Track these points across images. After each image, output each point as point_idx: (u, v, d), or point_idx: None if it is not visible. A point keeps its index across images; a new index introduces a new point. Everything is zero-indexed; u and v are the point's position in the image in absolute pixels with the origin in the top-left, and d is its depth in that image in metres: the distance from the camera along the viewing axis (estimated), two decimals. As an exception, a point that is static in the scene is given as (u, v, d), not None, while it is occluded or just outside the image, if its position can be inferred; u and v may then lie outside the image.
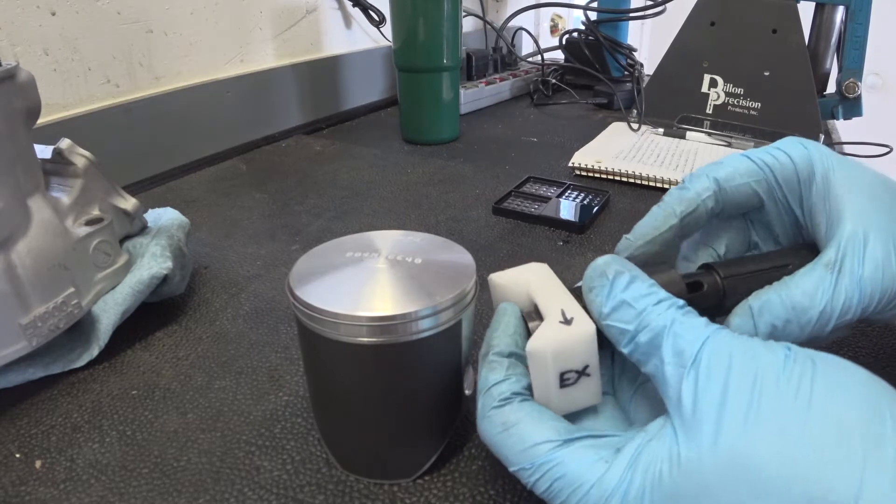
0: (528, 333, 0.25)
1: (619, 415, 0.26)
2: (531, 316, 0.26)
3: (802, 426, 0.19)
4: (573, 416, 0.25)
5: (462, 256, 0.28)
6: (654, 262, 0.29)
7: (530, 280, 0.27)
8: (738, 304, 0.26)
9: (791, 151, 0.29)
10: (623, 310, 0.23)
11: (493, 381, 0.23)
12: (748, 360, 0.20)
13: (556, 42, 1.08)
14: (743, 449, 0.19)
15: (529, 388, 0.24)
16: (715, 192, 0.29)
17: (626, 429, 0.24)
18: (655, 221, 0.29)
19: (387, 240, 0.29)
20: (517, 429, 0.22)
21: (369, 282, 0.25)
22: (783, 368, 0.20)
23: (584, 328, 0.23)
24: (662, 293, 0.23)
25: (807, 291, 0.25)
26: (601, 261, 0.24)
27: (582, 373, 0.24)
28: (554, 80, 0.99)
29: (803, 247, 0.29)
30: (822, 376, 0.19)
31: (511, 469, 0.22)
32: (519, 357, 0.24)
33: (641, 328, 0.22)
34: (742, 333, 0.22)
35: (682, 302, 0.23)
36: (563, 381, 0.23)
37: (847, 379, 0.20)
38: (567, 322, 0.23)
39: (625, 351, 0.23)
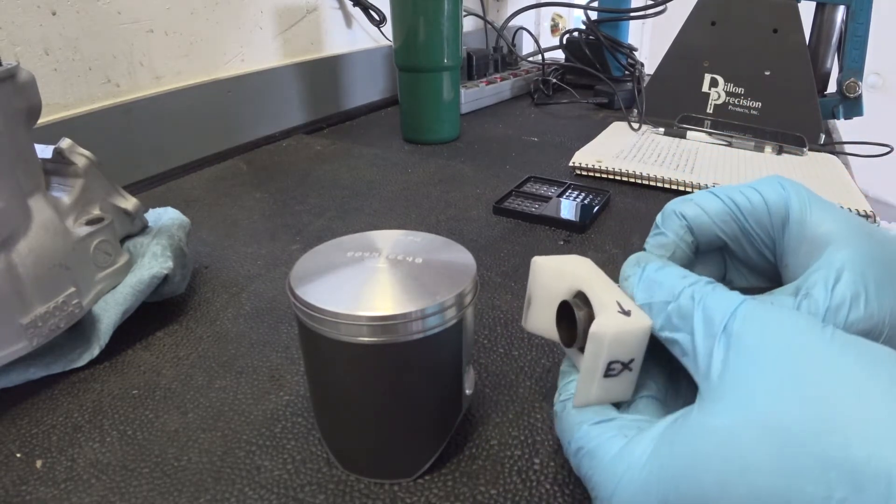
0: (577, 322, 0.25)
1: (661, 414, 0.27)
2: (578, 305, 0.26)
3: (828, 389, 0.18)
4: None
5: (463, 256, 0.28)
6: None
7: (577, 270, 0.26)
8: None
9: (766, 192, 0.28)
10: (655, 288, 0.24)
11: (564, 378, 0.27)
12: (778, 326, 0.20)
13: (556, 41, 1.08)
14: (771, 413, 0.19)
15: None
16: (688, 228, 0.29)
17: None
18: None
19: (387, 239, 0.29)
20: (567, 411, 0.25)
21: (370, 281, 0.25)
22: (814, 335, 0.20)
23: (642, 321, 0.24)
24: (693, 275, 0.24)
25: None
26: (635, 255, 0.26)
27: (626, 366, 0.24)
28: (554, 80, 0.99)
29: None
30: (853, 345, 0.19)
31: (564, 453, 0.25)
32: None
33: (672, 300, 0.23)
34: None
35: (711, 279, 0.23)
36: (609, 370, 0.24)
37: (877, 353, 0.20)
38: (625, 313, 0.24)
39: (658, 329, 0.24)
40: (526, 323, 0.29)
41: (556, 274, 0.27)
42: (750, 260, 0.30)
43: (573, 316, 0.26)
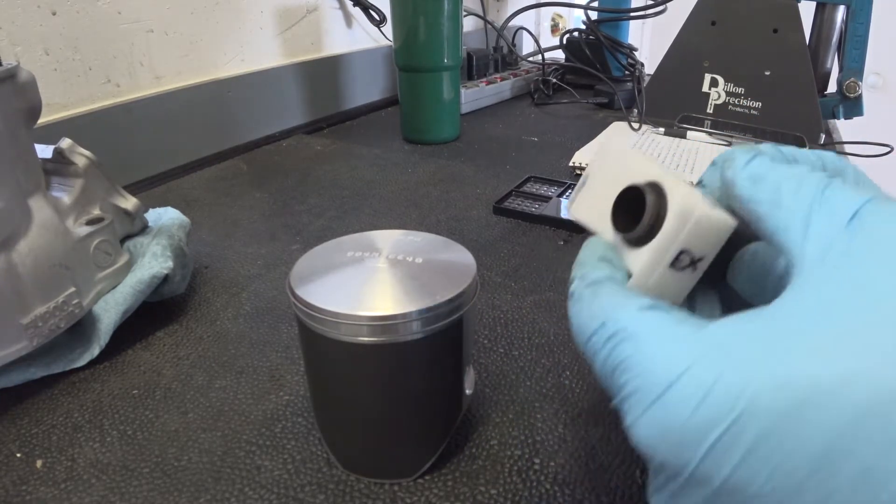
0: (648, 206, 0.22)
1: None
2: (649, 190, 0.23)
3: None
4: None
5: (463, 256, 0.28)
6: None
7: (650, 164, 0.24)
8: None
9: (825, 158, 0.26)
10: (768, 164, 0.20)
11: (589, 268, 0.22)
12: None
13: (556, 41, 1.08)
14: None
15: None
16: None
17: None
18: None
19: (387, 239, 0.29)
20: (604, 296, 0.20)
21: (370, 281, 0.25)
22: None
23: (727, 219, 0.21)
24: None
25: None
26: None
27: (693, 263, 0.22)
28: (554, 80, 0.99)
29: None
30: None
31: (582, 338, 0.20)
32: (608, 261, 0.23)
33: (785, 177, 0.19)
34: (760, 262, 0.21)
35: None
36: (677, 260, 0.21)
37: None
38: (711, 205, 0.22)
39: (755, 200, 0.20)
40: (572, 206, 0.26)
41: (629, 159, 0.24)
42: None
43: (634, 206, 0.23)
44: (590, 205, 0.25)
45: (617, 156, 0.25)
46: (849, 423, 0.14)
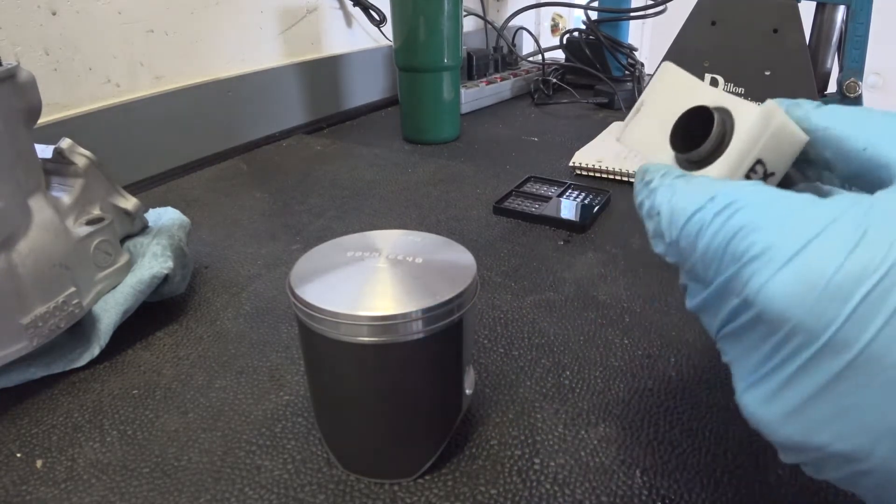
0: (697, 131, 0.22)
1: None
2: (721, 111, 0.22)
3: None
4: None
5: (463, 256, 0.28)
6: None
7: (712, 89, 0.23)
8: None
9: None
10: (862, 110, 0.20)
11: (666, 169, 0.21)
12: None
13: (556, 41, 1.08)
14: None
15: None
16: None
17: None
18: None
19: (387, 239, 0.29)
20: (701, 180, 0.19)
21: (370, 281, 0.25)
22: None
23: (802, 134, 0.21)
24: None
25: None
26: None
27: (767, 175, 0.21)
28: (554, 80, 0.99)
29: None
30: None
31: (681, 218, 0.19)
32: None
33: (854, 116, 0.20)
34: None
35: None
36: (752, 171, 0.21)
37: None
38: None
39: (833, 122, 0.20)
40: (625, 132, 0.25)
41: (690, 86, 0.23)
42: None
43: (697, 130, 0.22)
44: (645, 129, 0.24)
45: (677, 81, 0.24)
46: None
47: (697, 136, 0.22)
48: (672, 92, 0.24)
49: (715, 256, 0.17)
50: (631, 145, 0.25)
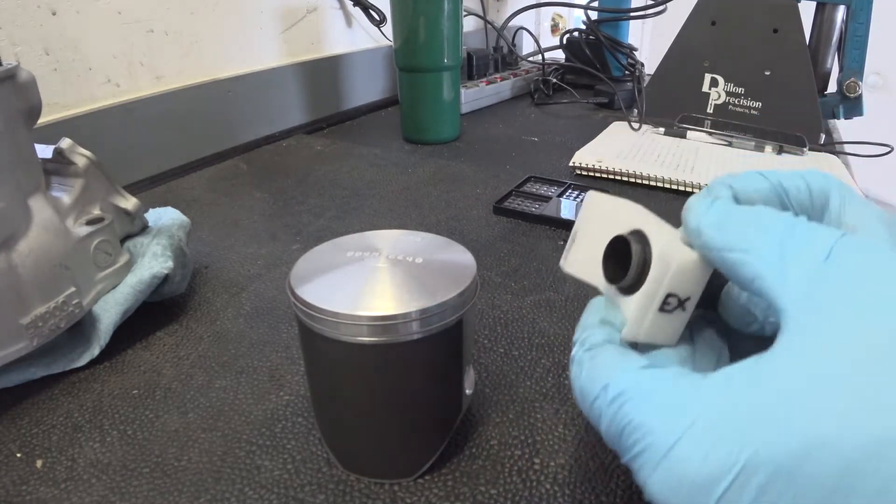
0: (633, 255, 0.23)
1: None
2: (634, 239, 0.24)
3: None
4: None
5: (463, 256, 0.28)
6: None
7: (635, 211, 0.25)
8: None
9: (810, 180, 0.28)
10: (737, 210, 0.21)
11: (588, 332, 0.23)
12: (884, 259, 0.18)
13: (556, 41, 1.08)
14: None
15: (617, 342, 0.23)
16: (734, 196, 0.28)
17: None
18: None
19: (387, 239, 0.29)
20: (603, 359, 0.21)
21: (370, 281, 0.25)
22: None
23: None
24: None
25: None
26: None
27: (681, 304, 0.23)
28: (555, 80, 0.99)
29: None
30: None
31: (586, 402, 0.21)
32: (608, 323, 0.24)
33: (755, 220, 0.20)
34: (745, 296, 0.22)
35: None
36: (665, 304, 0.22)
37: None
38: (691, 247, 0.22)
39: (727, 248, 0.21)
40: (565, 262, 0.27)
41: (612, 211, 0.25)
42: None
43: (622, 256, 0.24)
44: (582, 259, 0.26)
45: (601, 208, 0.26)
46: (841, 475, 0.15)
47: (626, 264, 0.23)
48: (599, 220, 0.25)
49: (613, 443, 0.20)
50: (573, 275, 0.27)
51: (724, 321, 0.26)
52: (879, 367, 0.16)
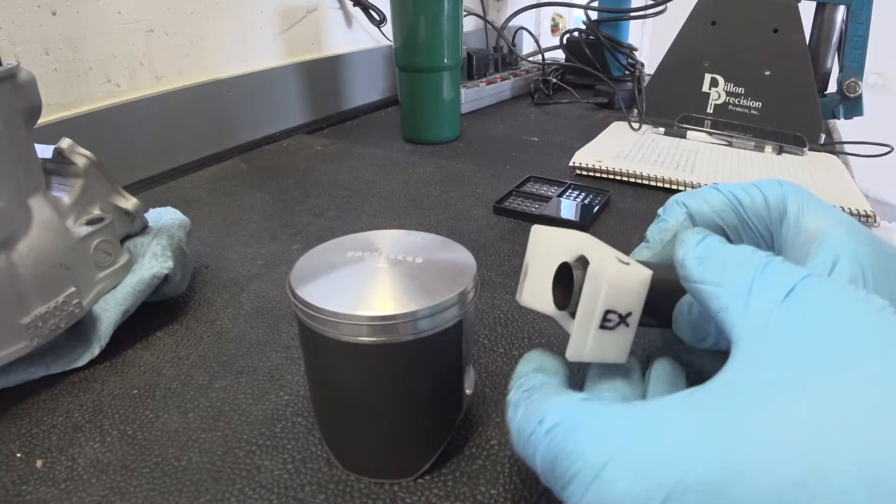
0: (574, 282, 0.24)
1: None
2: (577, 266, 0.24)
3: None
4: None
5: (463, 256, 0.28)
6: None
7: (577, 238, 0.26)
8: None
9: (766, 189, 0.29)
10: (712, 242, 0.23)
11: (524, 378, 0.23)
12: (847, 304, 0.18)
13: (556, 41, 1.08)
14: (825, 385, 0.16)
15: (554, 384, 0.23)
16: (689, 216, 0.30)
17: None
18: (642, 255, 0.30)
19: (387, 239, 0.29)
20: (539, 397, 0.22)
21: (370, 281, 0.25)
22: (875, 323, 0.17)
23: (641, 271, 0.23)
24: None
25: None
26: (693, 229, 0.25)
27: (623, 320, 0.23)
28: (555, 80, 0.99)
29: None
30: None
31: (522, 439, 0.21)
32: (544, 370, 0.24)
33: (726, 255, 0.22)
34: (697, 312, 0.23)
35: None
36: (605, 321, 0.23)
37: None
38: (625, 263, 0.23)
39: (697, 279, 0.22)
40: (521, 296, 0.28)
41: (557, 241, 0.26)
42: None
43: (568, 282, 0.25)
44: (534, 291, 0.27)
45: (547, 240, 0.26)
46: None
47: (571, 288, 0.24)
48: (546, 252, 0.26)
49: (547, 475, 0.20)
50: (528, 306, 0.27)
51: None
52: (813, 408, 0.16)
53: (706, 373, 0.22)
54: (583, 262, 0.24)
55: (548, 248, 0.26)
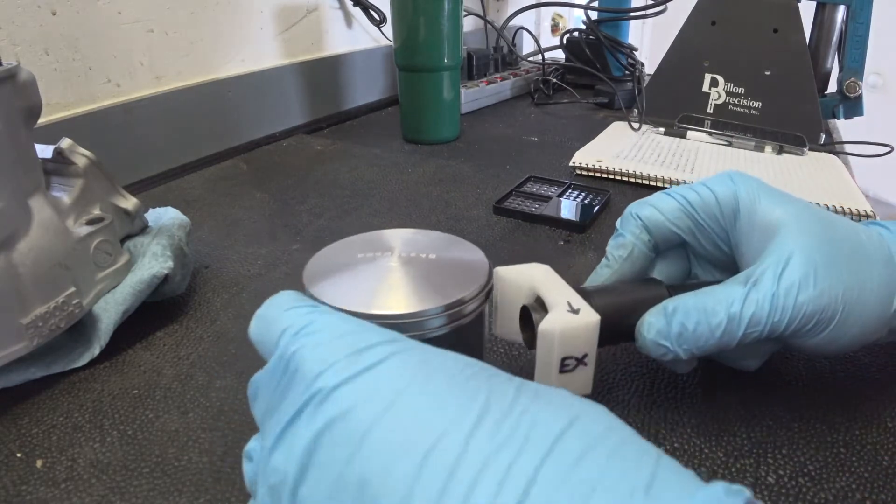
0: (534, 324, 0.26)
1: None
2: (535, 308, 0.27)
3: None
4: None
5: (474, 254, 0.27)
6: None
7: (535, 275, 0.28)
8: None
9: (715, 187, 0.30)
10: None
11: None
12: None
13: (556, 41, 1.08)
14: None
15: None
16: (644, 227, 0.31)
17: None
18: (604, 275, 0.32)
19: (398, 238, 0.28)
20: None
21: (383, 280, 0.25)
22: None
23: (589, 318, 0.25)
24: None
25: (719, 298, 0.26)
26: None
27: (580, 361, 0.25)
28: (555, 80, 0.99)
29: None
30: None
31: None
32: None
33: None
34: (655, 331, 0.26)
35: None
36: (563, 366, 0.25)
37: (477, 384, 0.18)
38: (574, 311, 0.25)
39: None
40: (494, 329, 0.30)
41: (516, 281, 0.28)
42: (709, 254, 0.32)
43: (530, 322, 0.27)
44: (504, 326, 0.29)
45: (508, 280, 0.28)
46: None
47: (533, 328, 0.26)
48: (510, 290, 0.28)
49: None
50: (502, 338, 0.30)
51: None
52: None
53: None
54: (540, 302, 0.27)
55: (509, 288, 0.28)
